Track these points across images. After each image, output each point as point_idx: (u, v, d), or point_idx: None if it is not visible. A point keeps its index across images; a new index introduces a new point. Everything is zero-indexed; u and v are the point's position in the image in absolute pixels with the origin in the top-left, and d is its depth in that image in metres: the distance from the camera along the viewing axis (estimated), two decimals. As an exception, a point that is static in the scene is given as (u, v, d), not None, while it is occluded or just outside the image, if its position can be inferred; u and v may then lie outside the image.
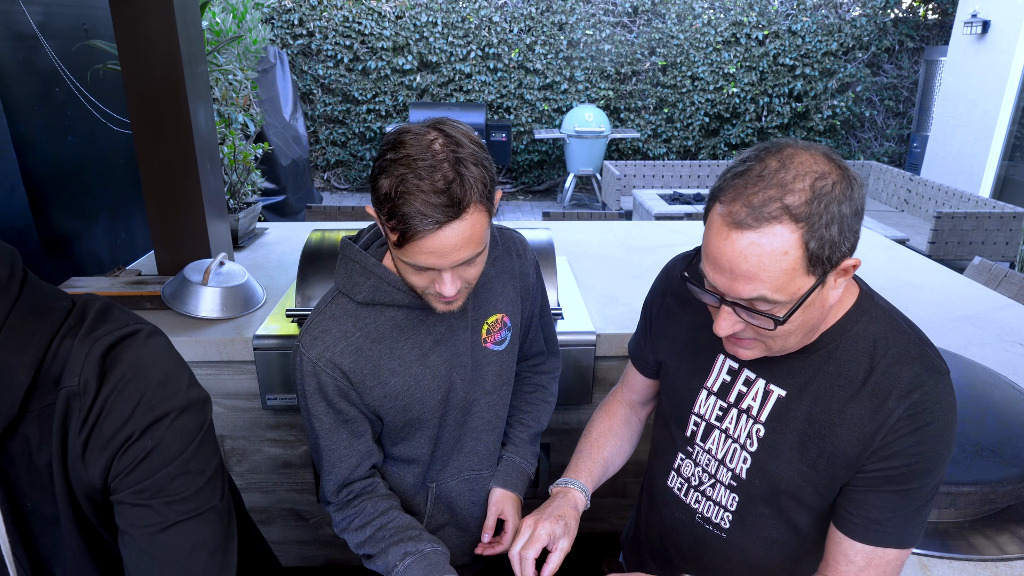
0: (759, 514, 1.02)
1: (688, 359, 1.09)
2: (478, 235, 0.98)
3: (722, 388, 1.04)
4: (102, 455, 0.75)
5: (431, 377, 1.15)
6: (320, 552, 2.25)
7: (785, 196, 0.78)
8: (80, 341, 0.75)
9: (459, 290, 1.03)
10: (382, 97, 8.08)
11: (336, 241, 2.08)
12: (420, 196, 0.91)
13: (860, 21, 8.12)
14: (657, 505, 1.18)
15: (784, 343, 0.90)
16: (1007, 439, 1.30)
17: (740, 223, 0.79)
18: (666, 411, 1.15)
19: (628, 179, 6.92)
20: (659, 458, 1.18)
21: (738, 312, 0.86)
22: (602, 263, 2.60)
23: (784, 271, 0.79)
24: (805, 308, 0.84)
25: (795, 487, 0.96)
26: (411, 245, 0.95)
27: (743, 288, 0.82)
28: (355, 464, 1.17)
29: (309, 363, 1.09)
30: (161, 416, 0.76)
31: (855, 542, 0.92)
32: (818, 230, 0.78)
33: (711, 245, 0.83)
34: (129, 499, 0.77)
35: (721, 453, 1.04)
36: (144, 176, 2.23)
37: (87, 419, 0.74)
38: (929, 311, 2.27)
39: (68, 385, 0.73)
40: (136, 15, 2.04)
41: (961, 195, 5.75)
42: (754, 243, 0.79)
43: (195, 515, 0.80)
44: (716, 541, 1.08)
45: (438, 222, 0.92)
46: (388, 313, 1.12)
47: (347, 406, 1.12)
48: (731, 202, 0.80)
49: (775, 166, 0.80)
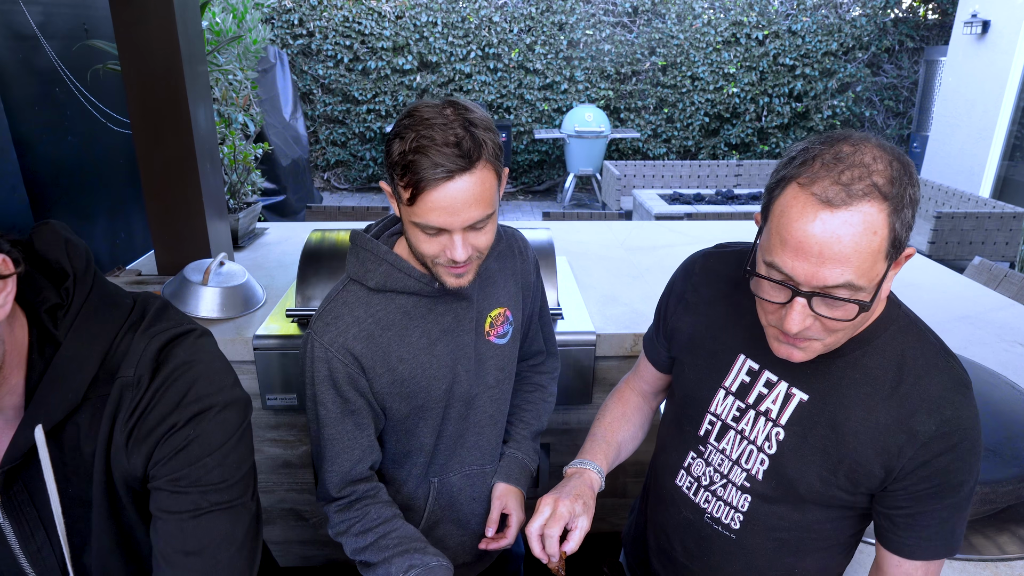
0: (771, 515, 1.02)
1: (706, 357, 1.07)
2: (488, 195, 1.00)
3: (741, 389, 1.02)
4: (145, 443, 0.78)
5: (437, 366, 1.17)
6: (320, 552, 2.25)
7: (872, 175, 0.76)
8: (140, 336, 0.78)
9: (469, 258, 1.04)
10: (382, 97, 8.08)
11: (336, 241, 2.08)
12: (432, 148, 0.94)
13: (860, 21, 8.12)
14: (664, 503, 1.17)
15: (841, 339, 0.87)
16: (1007, 439, 1.30)
17: (830, 201, 0.75)
18: (678, 408, 1.14)
19: (628, 179, 6.92)
20: (667, 456, 1.17)
21: (813, 304, 0.81)
22: (602, 263, 2.60)
23: (872, 252, 0.77)
24: (879, 299, 0.82)
25: (813, 491, 0.96)
26: (422, 200, 0.97)
27: (830, 274, 0.77)
28: (357, 458, 1.16)
29: (321, 349, 1.10)
30: (205, 409, 0.79)
31: (915, 561, 0.94)
32: (900, 211, 0.77)
33: (794, 229, 0.78)
34: (167, 486, 0.79)
35: (736, 454, 1.03)
36: (144, 176, 2.23)
37: (136, 409, 0.77)
38: (929, 311, 2.27)
39: (124, 376, 0.77)
40: (136, 15, 2.04)
41: (961, 195, 5.75)
42: (847, 222, 0.75)
43: (227, 508, 0.82)
44: (724, 541, 1.07)
45: (449, 171, 0.95)
46: (398, 300, 1.14)
47: (355, 395, 1.13)
48: (815, 183, 0.77)
49: (849, 150, 0.78)
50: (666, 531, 1.18)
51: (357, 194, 8.49)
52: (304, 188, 6.61)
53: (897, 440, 0.88)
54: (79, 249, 0.78)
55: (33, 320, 0.74)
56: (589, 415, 2.10)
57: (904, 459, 0.88)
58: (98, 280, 0.79)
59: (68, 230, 0.80)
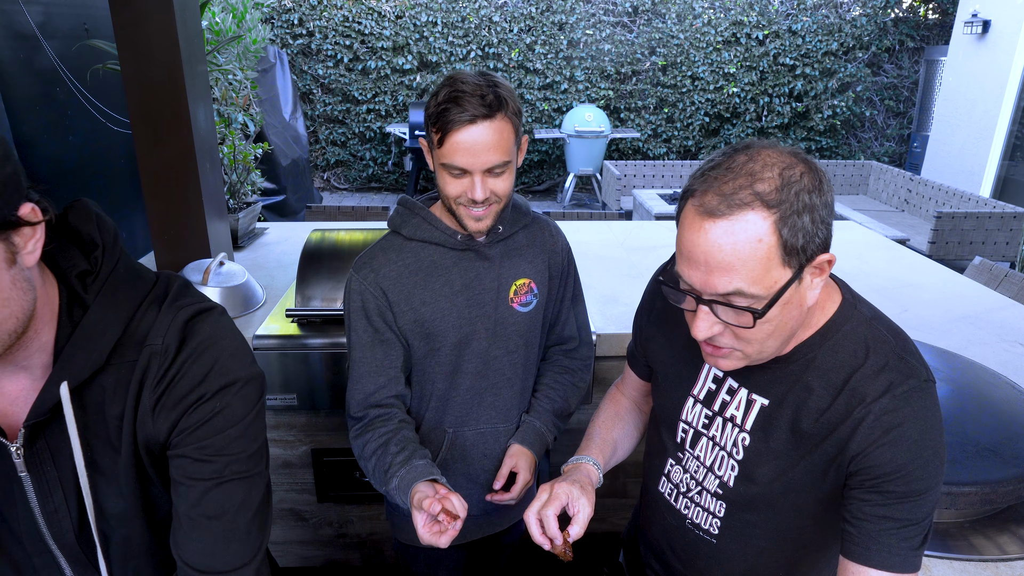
0: (747, 522, 1.02)
1: (676, 366, 1.09)
2: (505, 144, 1.16)
3: (707, 396, 1.04)
4: (173, 411, 0.83)
5: (456, 316, 1.30)
6: (320, 552, 2.25)
7: (755, 184, 0.78)
8: (167, 308, 0.84)
9: (487, 200, 1.19)
10: (382, 97, 8.08)
11: (336, 240, 2.08)
12: (463, 98, 1.12)
13: (860, 21, 8.12)
14: (651, 511, 1.19)
15: (762, 347, 0.88)
16: (1007, 439, 1.30)
17: (712, 212, 0.79)
18: (658, 416, 1.16)
19: (628, 179, 6.92)
20: (651, 461, 1.18)
21: (715, 310, 0.84)
22: (602, 263, 2.60)
23: (759, 260, 0.79)
24: (783, 305, 0.83)
25: (780, 494, 0.96)
26: (449, 140, 1.13)
27: (719, 281, 0.81)
28: (380, 384, 1.30)
29: (357, 283, 1.28)
30: (231, 382, 0.84)
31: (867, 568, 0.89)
32: (790, 217, 0.78)
33: (684, 240, 0.83)
34: (193, 453, 0.84)
35: (709, 460, 1.04)
36: (144, 176, 2.23)
37: (163, 377, 0.82)
38: (929, 311, 2.27)
39: (152, 344, 0.82)
40: (136, 15, 2.04)
41: (961, 195, 5.75)
42: (727, 231, 0.78)
43: (246, 476, 0.88)
44: (707, 547, 1.08)
45: (473, 116, 1.12)
46: (427, 251, 1.30)
47: (383, 325, 1.29)
48: (702, 195, 0.80)
49: (743, 159, 0.81)
50: (657, 538, 1.19)
51: (357, 194, 8.49)
52: (304, 188, 6.61)
53: (843, 434, 0.88)
54: (108, 224, 0.84)
55: (64, 284, 0.79)
56: (589, 415, 2.09)
57: (850, 452, 0.87)
58: (124, 254, 0.85)
59: (99, 207, 0.85)
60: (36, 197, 0.73)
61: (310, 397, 1.98)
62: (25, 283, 0.73)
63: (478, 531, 1.50)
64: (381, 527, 2.22)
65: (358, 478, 2.12)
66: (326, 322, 1.97)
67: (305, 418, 2.07)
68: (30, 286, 0.73)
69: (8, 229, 0.69)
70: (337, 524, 2.21)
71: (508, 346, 1.36)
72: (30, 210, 0.71)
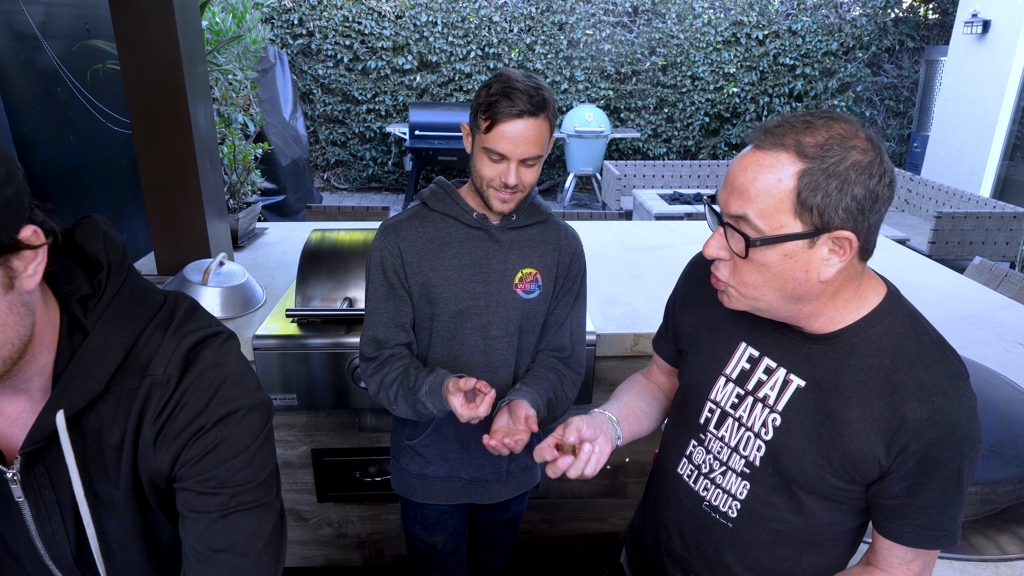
0: (769, 503, 1.02)
1: (708, 345, 1.10)
2: (542, 140, 1.31)
3: (740, 376, 1.04)
4: (174, 443, 0.80)
5: (459, 287, 1.41)
6: (320, 552, 2.25)
7: (803, 135, 0.82)
8: (171, 335, 0.81)
9: (516, 187, 1.32)
10: (382, 97, 8.08)
11: (336, 240, 2.09)
12: (515, 94, 1.26)
13: (860, 21, 8.12)
14: (665, 495, 1.19)
15: (757, 293, 0.90)
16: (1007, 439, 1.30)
17: (753, 140, 0.86)
18: (682, 398, 1.16)
19: (628, 179, 6.92)
20: (671, 445, 1.18)
21: (726, 232, 0.89)
22: (602, 263, 2.60)
23: (772, 197, 0.83)
24: (783, 256, 0.85)
25: (808, 478, 0.97)
26: (497, 128, 1.27)
27: (734, 203, 0.86)
28: (392, 332, 1.43)
29: (379, 240, 1.43)
30: (232, 411, 0.82)
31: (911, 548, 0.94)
32: (817, 175, 0.81)
33: (731, 164, 0.89)
34: (195, 487, 0.82)
35: (734, 441, 1.04)
36: (144, 176, 2.23)
37: (164, 408, 0.80)
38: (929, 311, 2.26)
39: (154, 374, 0.79)
40: (136, 15, 2.04)
41: (961, 195, 5.75)
42: (757, 162, 0.84)
43: (254, 507, 0.85)
44: (721, 530, 1.08)
45: (521, 112, 1.26)
46: (446, 223, 1.43)
47: (397, 282, 1.42)
48: (763, 129, 0.86)
49: (818, 117, 0.84)
50: (666, 525, 1.18)
51: (357, 194, 8.49)
52: (304, 188, 6.61)
53: (890, 428, 0.89)
54: (116, 243, 0.81)
55: (65, 308, 0.77)
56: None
57: (897, 447, 0.89)
58: (132, 275, 0.82)
59: (108, 224, 0.82)
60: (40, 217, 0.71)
61: (310, 397, 1.98)
62: (23, 308, 0.70)
63: (466, 496, 1.59)
64: (381, 527, 2.22)
65: (358, 478, 2.12)
66: (326, 322, 1.97)
67: (305, 418, 2.07)
68: (28, 311, 0.71)
69: (7, 253, 0.66)
70: (337, 524, 2.22)
71: (508, 328, 1.45)
72: (32, 232, 0.68)
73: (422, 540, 1.67)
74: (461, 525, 1.68)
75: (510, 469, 1.59)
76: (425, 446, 1.54)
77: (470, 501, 1.60)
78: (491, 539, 1.80)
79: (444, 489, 1.58)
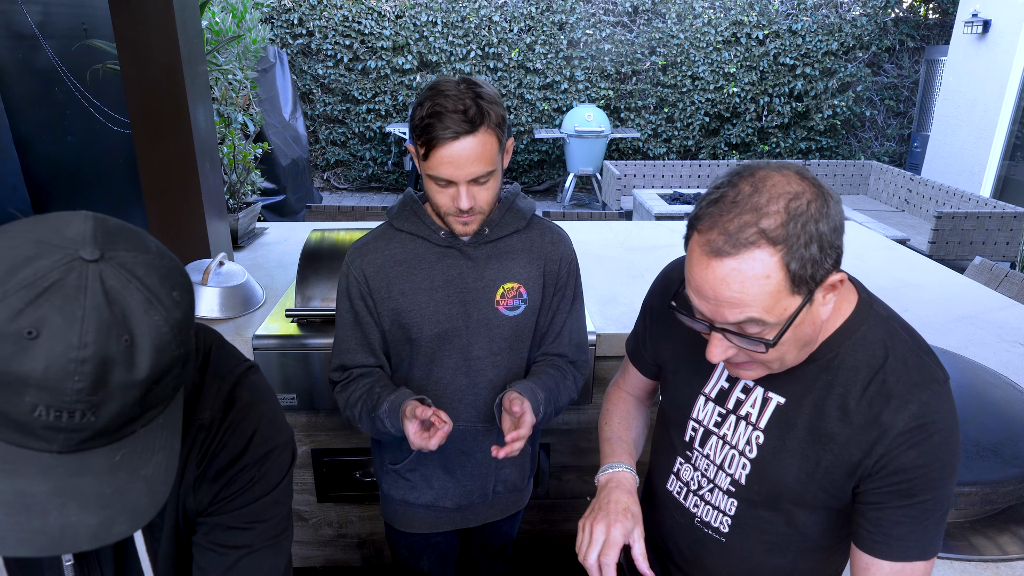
0: (759, 518, 1.02)
1: (686, 364, 1.09)
2: (488, 155, 1.19)
3: (720, 394, 1.04)
4: (215, 483, 0.82)
5: (433, 309, 1.33)
6: (320, 552, 2.25)
7: (760, 220, 0.78)
8: (211, 379, 0.83)
9: (472, 208, 1.23)
10: (382, 97, 8.08)
11: (336, 240, 2.08)
12: (445, 114, 1.15)
13: (860, 20, 8.12)
14: (658, 507, 1.18)
15: (782, 361, 0.90)
16: (1007, 439, 1.30)
17: (718, 251, 0.79)
18: (666, 414, 1.15)
19: (628, 179, 6.91)
20: (659, 460, 1.18)
21: (729, 337, 0.85)
22: (602, 263, 2.60)
23: (768, 294, 0.79)
24: (796, 327, 0.84)
25: (796, 493, 0.96)
26: (434, 154, 1.17)
27: (729, 313, 0.82)
28: (361, 357, 1.37)
29: (346, 267, 1.35)
30: (271, 450, 0.84)
31: (883, 561, 0.92)
32: (797, 251, 0.78)
33: (693, 274, 0.83)
34: (228, 521, 0.83)
35: (720, 459, 1.04)
36: (144, 176, 2.23)
37: (208, 450, 0.81)
38: (929, 311, 2.27)
39: (201, 419, 0.81)
40: (136, 15, 2.04)
41: (962, 195, 5.74)
42: (734, 270, 0.79)
43: (275, 542, 0.87)
44: (715, 545, 1.08)
45: (456, 133, 1.15)
46: (413, 243, 1.34)
47: (363, 308, 1.35)
48: (708, 231, 0.80)
49: (748, 190, 0.80)
50: (661, 534, 1.18)
51: (357, 194, 8.49)
52: (304, 188, 6.61)
53: (869, 437, 0.89)
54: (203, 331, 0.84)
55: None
56: (589, 415, 2.09)
57: (875, 456, 0.88)
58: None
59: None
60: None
61: (310, 397, 1.98)
62: None
63: (451, 523, 1.52)
64: (381, 527, 2.22)
65: (358, 478, 2.12)
66: (326, 322, 1.97)
67: (305, 418, 2.07)
68: None
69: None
70: (337, 524, 2.21)
71: (492, 348, 1.36)
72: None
73: (407, 563, 1.61)
74: (449, 546, 1.61)
75: (496, 490, 1.51)
76: (409, 470, 1.46)
77: (455, 528, 1.54)
78: (481, 568, 1.74)
79: (428, 517, 1.51)
